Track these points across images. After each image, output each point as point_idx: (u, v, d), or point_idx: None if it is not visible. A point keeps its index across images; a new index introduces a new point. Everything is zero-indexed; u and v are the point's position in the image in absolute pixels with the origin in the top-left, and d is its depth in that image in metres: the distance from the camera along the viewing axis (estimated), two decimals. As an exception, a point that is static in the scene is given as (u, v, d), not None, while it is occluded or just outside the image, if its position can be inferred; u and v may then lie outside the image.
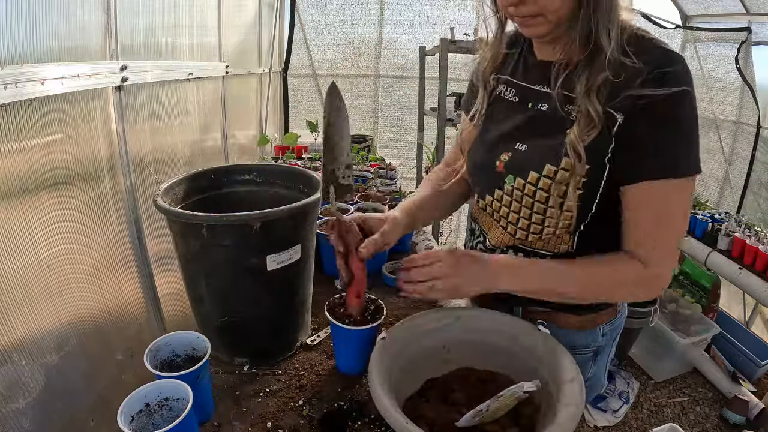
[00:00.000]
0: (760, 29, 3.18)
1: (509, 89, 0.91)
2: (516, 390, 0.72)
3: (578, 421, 0.67)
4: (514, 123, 0.87)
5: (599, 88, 0.73)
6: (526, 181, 0.82)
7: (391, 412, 0.66)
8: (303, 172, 1.14)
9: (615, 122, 0.73)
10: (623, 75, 0.72)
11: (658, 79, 0.69)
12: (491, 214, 0.93)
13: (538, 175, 0.80)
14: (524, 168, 0.82)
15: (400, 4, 3.64)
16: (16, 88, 0.84)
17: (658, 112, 0.70)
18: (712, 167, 3.66)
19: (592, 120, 0.73)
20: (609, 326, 0.95)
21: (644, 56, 0.71)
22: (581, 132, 0.74)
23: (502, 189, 0.87)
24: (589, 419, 2.42)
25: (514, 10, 0.75)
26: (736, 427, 2.37)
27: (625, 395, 2.52)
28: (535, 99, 0.85)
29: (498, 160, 0.87)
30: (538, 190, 0.81)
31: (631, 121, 0.72)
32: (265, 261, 0.90)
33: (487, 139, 0.92)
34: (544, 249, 0.87)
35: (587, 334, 0.93)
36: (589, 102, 0.73)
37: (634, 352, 2.86)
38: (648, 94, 0.69)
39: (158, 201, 0.90)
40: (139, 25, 1.41)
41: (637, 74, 0.70)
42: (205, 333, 0.85)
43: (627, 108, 0.72)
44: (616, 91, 0.72)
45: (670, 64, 0.70)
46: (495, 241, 0.93)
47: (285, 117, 3.78)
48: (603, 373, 1.03)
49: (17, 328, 0.87)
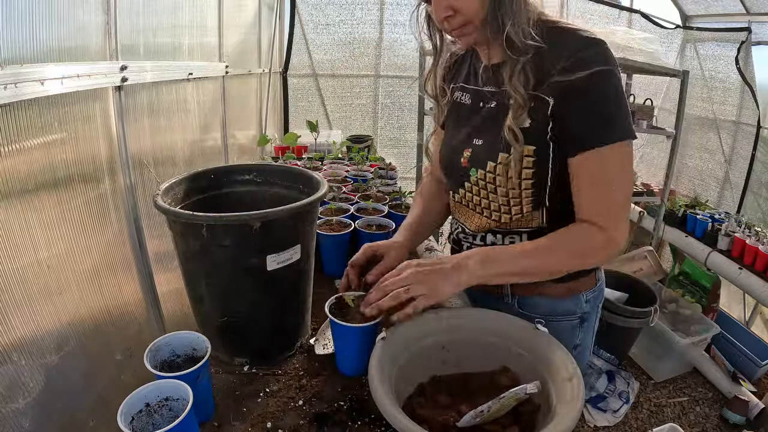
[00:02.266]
0: (760, 29, 3.19)
1: (465, 94, 1.02)
2: (518, 391, 0.72)
3: (578, 419, 0.67)
4: (471, 123, 0.99)
5: (519, 74, 0.82)
6: (486, 171, 0.93)
7: (392, 412, 0.66)
8: (303, 172, 1.14)
9: (548, 105, 0.83)
10: (544, 63, 0.81)
11: (578, 63, 0.79)
12: (467, 205, 1.03)
13: (495, 163, 0.91)
14: (483, 160, 0.94)
15: (400, 4, 3.64)
16: (16, 88, 0.84)
17: (582, 90, 0.79)
18: (712, 167, 3.66)
19: (519, 104, 0.83)
20: (591, 294, 1.03)
21: (564, 45, 0.81)
22: (514, 115, 0.84)
23: (469, 181, 0.99)
24: (589, 419, 2.42)
25: (447, 25, 0.85)
26: (736, 427, 2.37)
27: (625, 395, 2.52)
28: (485, 99, 0.96)
29: (462, 157, 0.99)
30: (497, 177, 0.91)
31: (561, 101, 0.82)
32: (265, 261, 0.90)
33: (451, 141, 1.04)
34: (519, 228, 0.97)
35: (572, 301, 1.02)
36: (512, 87, 0.83)
37: (634, 352, 2.86)
38: (571, 78, 0.79)
39: (158, 201, 0.90)
40: (139, 25, 1.41)
41: (558, 60, 0.80)
42: (205, 333, 0.85)
43: (555, 91, 0.81)
44: (542, 78, 0.82)
45: (587, 48, 0.80)
46: (474, 228, 1.02)
47: (285, 117, 3.78)
48: (590, 341, 1.12)
49: (17, 327, 0.87)
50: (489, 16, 0.81)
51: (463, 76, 1.04)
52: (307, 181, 1.10)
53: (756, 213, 3.23)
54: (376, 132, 3.96)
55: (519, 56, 0.82)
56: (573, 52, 0.79)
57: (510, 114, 0.84)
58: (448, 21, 0.84)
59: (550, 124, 0.84)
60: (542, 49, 0.81)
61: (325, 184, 1.04)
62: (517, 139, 0.84)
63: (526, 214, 0.93)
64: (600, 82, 0.79)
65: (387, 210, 1.53)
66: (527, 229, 0.96)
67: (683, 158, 3.85)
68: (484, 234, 1.01)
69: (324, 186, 1.02)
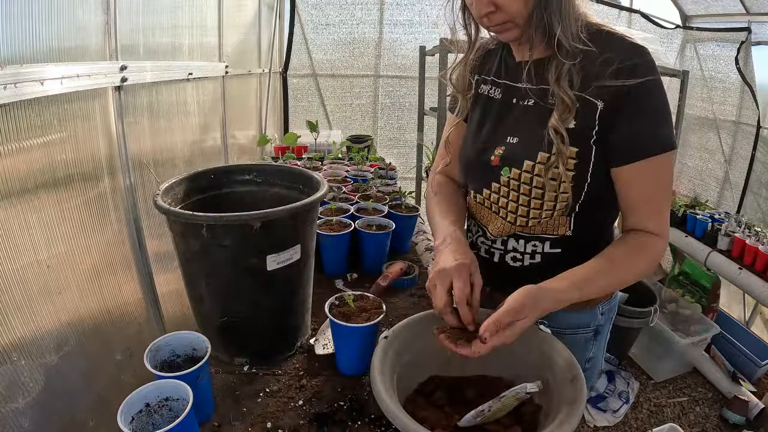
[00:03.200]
0: (760, 29, 3.19)
1: (495, 89, 0.98)
2: (518, 391, 0.72)
3: (579, 420, 0.67)
4: (502, 119, 0.94)
5: (567, 76, 0.81)
6: (521, 170, 0.88)
7: (394, 412, 0.66)
8: (303, 172, 1.14)
9: (596, 108, 0.81)
10: (592, 65, 0.80)
11: (630, 70, 0.78)
12: (489, 207, 0.98)
13: (533, 162, 0.87)
14: (518, 159, 0.89)
15: (400, 4, 3.64)
16: (15, 88, 0.84)
17: (635, 98, 0.79)
18: (712, 167, 3.66)
19: (567, 105, 0.81)
20: (607, 305, 1.02)
21: (613, 49, 0.80)
22: (560, 116, 0.82)
23: (498, 181, 0.93)
24: (589, 419, 2.42)
25: (487, 21, 0.83)
26: (736, 427, 2.37)
27: (625, 395, 2.52)
28: (519, 96, 0.92)
29: (492, 155, 0.93)
30: (534, 177, 0.87)
31: (612, 106, 0.80)
32: (265, 261, 0.90)
33: (477, 137, 0.98)
34: (543, 233, 0.93)
35: (589, 314, 1.00)
36: (560, 89, 0.81)
37: (634, 352, 2.86)
38: (623, 84, 0.78)
39: (158, 201, 0.90)
40: (138, 25, 1.41)
41: (608, 64, 0.78)
42: (205, 333, 0.85)
43: (605, 95, 0.80)
44: (589, 81, 0.81)
45: (639, 56, 0.79)
46: (495, 232, 0.97)
47: (285, 117, 3.78)
48: (602, 354, 1.09)
49: (17, 327, 0.87)
50: (535, 17, 0.79)
51: (494, 70, 0.99)
52: (307, 181, 1.10)
53: (756, 213, 3.23)
54: (375, 132, 3.96)
55: (567, 58, 0.80)
56: (623, 58, 0.78)
57: (555, 114, 0.82)
58: (489, 17, 0.81)
59: (596, 127, 0.82)
60: (589, 51, 0.80)
61: (325, 185, 1.04)
62: (563, 140, 0.82)
63: (555, 218, 0.90)
64: (653, 91, 0.79)
65: (387, 210, 1.53)
66: (552, 236, 0.92)
67: (683, 158, 3.85)
68: (505, 238, 0.97)
69: (324, 186, 1.02)
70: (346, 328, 0.90)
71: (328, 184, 1.08)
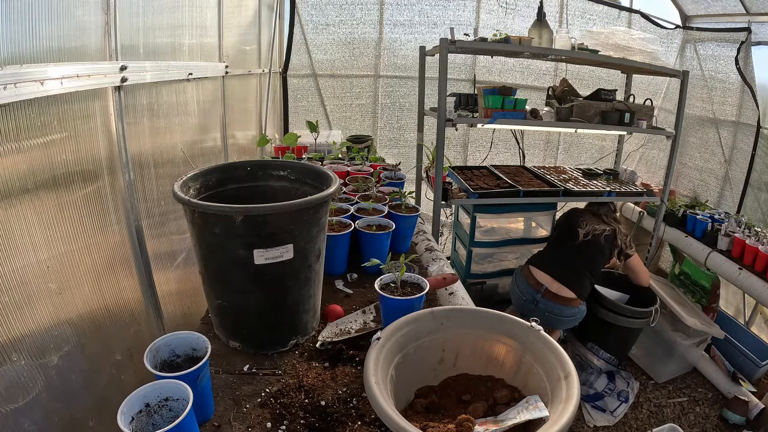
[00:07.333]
0: (760, 29, 3.18)
1: None
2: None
3: (574, 416, 0.67)
4: None
5: None
6: None
7: (388, 413, 0.66)
8: (327, 174, 1.17)
9: None
10: None
11: None
12: None
13: None
14: None
15: (400, 4, 3.64)
16: (15, 88, 0.84)
17: None
18: (712, 167, 3.66)
19: None
20: (584, 304, 1.49)
21: None
22: None
23: None
24: (588, 419, 2.42)
25: None
26: (736, 427, 2.37)
27: (625, 395, 2.52)
28: None
29: None
30: None
31: None
32: (252, 254, 0.93)
33: None
34: None
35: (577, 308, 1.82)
36: None
37: (634, 352, 2.86)
38: None
39: (175, 189, 0.98)
40: (138, 25, 1.41)
41: None
42: (209, 310, 0.92)
43: None
44: None
45: None
46: None
47: (285, 117, 3.78)
48: None
49: (17, 328, 0.87)
50: None
51: None
52: (328, 182, 1.13)
53: (756, 213, 3.23)
54: (375, 132, 3.96)
55: None
56: None
57: None
58: None
59: None
60: None
61: (331, 187, 1.05)
62: None
63: None
64: None
65: (387, 210, 1.53)
66: None
67: (683, 158, 3.85)
68: None
69: (328, 189, 1.03)
70: (393, 300, 1.01)
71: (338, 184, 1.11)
